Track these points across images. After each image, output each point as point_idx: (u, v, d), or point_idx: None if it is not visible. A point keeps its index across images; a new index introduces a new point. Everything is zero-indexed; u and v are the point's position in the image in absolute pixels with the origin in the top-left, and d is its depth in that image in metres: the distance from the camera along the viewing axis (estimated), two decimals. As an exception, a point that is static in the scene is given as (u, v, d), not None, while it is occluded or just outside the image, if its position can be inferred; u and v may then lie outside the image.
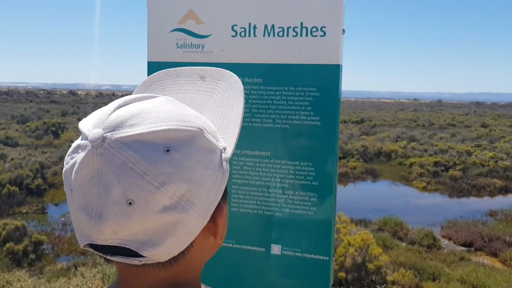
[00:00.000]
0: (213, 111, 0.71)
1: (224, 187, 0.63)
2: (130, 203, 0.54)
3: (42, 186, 15.33)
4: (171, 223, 0.56)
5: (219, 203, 0.63)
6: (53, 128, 27.26)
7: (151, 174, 0.54)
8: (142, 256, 0.58)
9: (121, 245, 0.57)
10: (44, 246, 10.24)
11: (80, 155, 0.56)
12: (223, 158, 0.63)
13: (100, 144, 0.54)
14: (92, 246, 0.60)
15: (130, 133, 0.55)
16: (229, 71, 0.76)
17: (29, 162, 16.50)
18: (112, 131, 0.56)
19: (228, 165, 0.64)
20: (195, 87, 0.76)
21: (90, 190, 0.55)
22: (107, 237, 0.56)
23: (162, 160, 0.55)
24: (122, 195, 0.54)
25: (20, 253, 9.37)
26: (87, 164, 0.55)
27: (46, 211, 13.86)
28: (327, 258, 1.54)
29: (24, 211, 13.56)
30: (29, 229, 10.15)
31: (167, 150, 0.56)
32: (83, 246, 0.61)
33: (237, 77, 0.75)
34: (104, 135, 0.55)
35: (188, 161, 0.57)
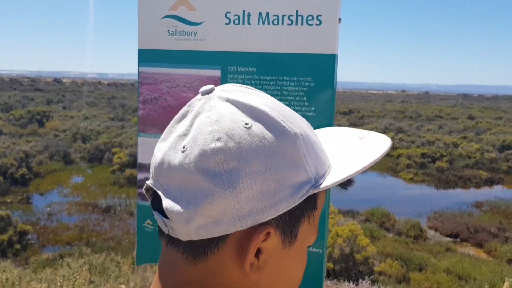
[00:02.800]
0: (348, 156, 0.64)
1: (281, 212, 0.54)
2: (183, 149, 0.54)
3: (27, 176, 15.17)
4: (201, 191, 0.51)
5: (267, 225, 0.54)
6: (38, 117, 26.94)
7: (215, 132, 0.52)
8: (167, 218, 0.55)
9: (157, 190, 0.56)
10: (29, 236, 10.14)
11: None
12: (306, 187, 0.55)
13: (206, 94, 0.58)
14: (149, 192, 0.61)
15: (231, 97, 0.56)
16: (388, 137, 0.69)
17: (14, 151, 16.29)
18: (223, 90, 0.58)
19: (303, 197, 0.55)
20: (349, 143, 0.70)
21: (172, 124, 0.59)
22: (155, 176, 0.57)
23: (235, 127, 0.53)
24: (183, 139, 0.55)
25: (5, 243, 9.27)
26: (188, 105, 0.59)
27: (31, 200, 13.71)
28: (321, 251, 1.52)
29: (8, 200, 13.40)
30: (13, 219, 10.03)
31: (247, 124, 0.53)
32: (145, 187, 0.61)
33: (390, 140, 0.68)
34: (214, 89, 0.58)
35: (259, 147, 0.52)
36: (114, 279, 5.39)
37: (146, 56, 1.63)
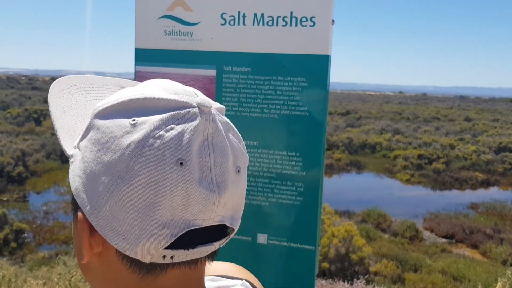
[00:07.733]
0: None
1: None
2: (238, 171, 0.54)
3: (24, 174, 15.15)
4: (244, 193, 0.57)
5: None
6: (34, 115, 26.89)
7: (241, 141, 0.56)
8: (228, 235, 0.55)
9: (219, 223, 0.52)
10: (26, 235, 10.14)
11: (189, 124, 0.50)
12: None
13: (210, 110, 0.52)
14: (180, 240, 0.50)
15: (218, 105, 0.55)
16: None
17: (10, 150, 16.26)
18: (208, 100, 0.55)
19: None
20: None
21: (204, 160, 0.50)
22: (217, 213, 0.51)
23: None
24: (233, 162, 0.53)
25: (1, 241, 9.27)
26: (200, 132, 0.51)
27: (27, 199, 13.69)
28: (313, 248, 1.55)
29: (5, 199, 13.38)
30: (10, 217, 10.02)
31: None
32: (166, 246, 0.49)
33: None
34: (212, 106, 0.54)
35: None
36: (110, 277, 5.40)
37: (142, 56, 1.65)
